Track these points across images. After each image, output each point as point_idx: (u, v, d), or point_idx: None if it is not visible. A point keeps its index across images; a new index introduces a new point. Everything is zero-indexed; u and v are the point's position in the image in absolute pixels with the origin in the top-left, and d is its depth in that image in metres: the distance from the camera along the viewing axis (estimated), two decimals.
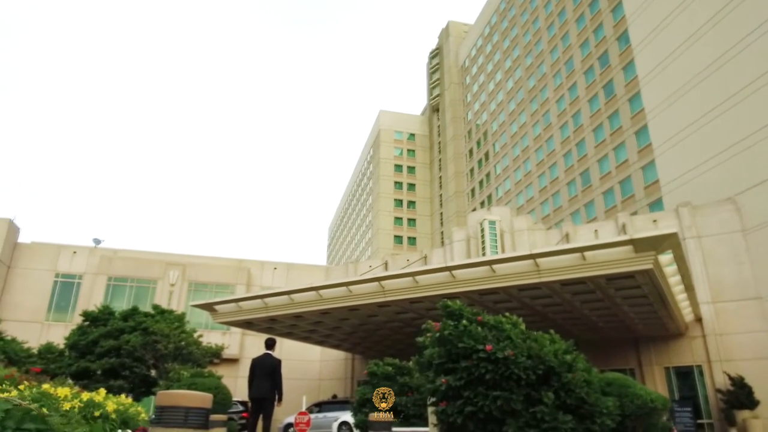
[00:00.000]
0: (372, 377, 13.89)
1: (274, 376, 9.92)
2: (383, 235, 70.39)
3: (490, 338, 5.99)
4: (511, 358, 5.69)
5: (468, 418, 5.91)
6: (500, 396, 5.60)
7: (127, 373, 19.93)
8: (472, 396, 5.81)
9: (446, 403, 6.18)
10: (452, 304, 6.39)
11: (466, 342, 5.95)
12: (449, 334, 6.19)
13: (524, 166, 54.65)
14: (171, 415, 4.54)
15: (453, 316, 6.39)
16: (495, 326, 6.13)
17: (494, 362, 5.80)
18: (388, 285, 22.73)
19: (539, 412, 5.44)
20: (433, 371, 6.56)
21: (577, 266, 19.10)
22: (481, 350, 5.79)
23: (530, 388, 5.82)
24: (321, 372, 38.78)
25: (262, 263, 42.15)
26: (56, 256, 39.14)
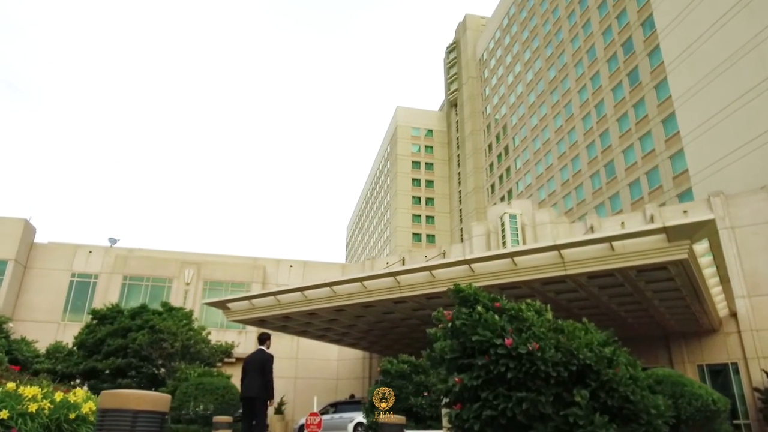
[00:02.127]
0: (385, 375, 12.95)
1: (264, 373, 8.90)
2: (401, 233, 69.38)
3: (510, 329, 4.98)
4: (536, 353, 4.66)
5: (487, 424, 4.89)
6: (525, 398, 4.58)
7: (134, 373, 19.34)
8: (491, 398, 4.80)
9: (461, 406, 5.15)
10: (465, 287, 5.41)
11: (482, 334, 4.95)
12: (462, 324, 5.20)
13: (545, 160, 53.17)
14: (114, 420, 3.63)
15: (466, 302, 5.41)
16: (515, 316, 5.12)
17: (516, 358, 4.78)
18: (404, 280, 21.77)
19: (571, 415, 4.40)
20: (446, 368, 5.55)
21: (604, 257, 17.89)
22: (500, 345, 4.78)
23: (561, 387, 4.78)
24: (338, 371, 37.97)
25: (277, 261, 41.53)
26: (72, 256, 39.00)
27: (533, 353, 4.64)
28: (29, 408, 6.43)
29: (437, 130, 78.33)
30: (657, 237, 17.04)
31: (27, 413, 6.45)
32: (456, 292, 5.45)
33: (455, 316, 5.33)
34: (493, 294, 5.70)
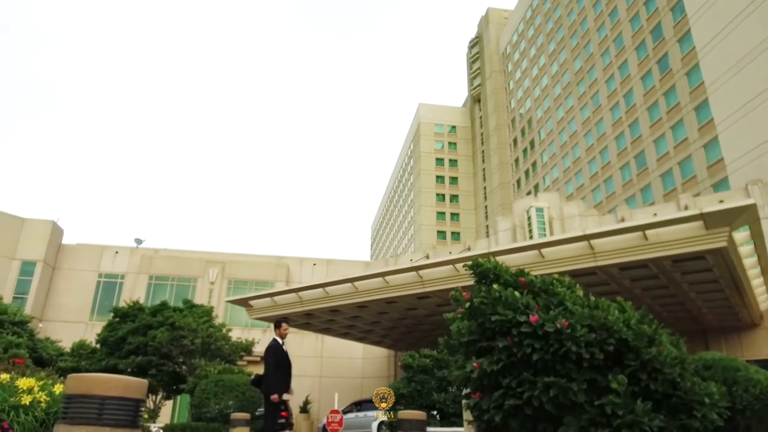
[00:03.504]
0: (407, 370, 12.40)
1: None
2: (426, 231, 68.61)
3: (536, 306, 4.38)
4: (565, 330, 4.05)
5: (510, 415, 4.30)
6: (554, 383, 3.97)
7: (155, 371, 19.18)
8: (514, 384, 4.20)
9: (481, 395, 4.56)
10: (484, 261, 4.82)
11: (502, 313, 4.35)
12: (481, 302, 4.61)
13: (572, 153, 51.84)
14: (79, 407, 3.16)
15: (485, 279, 4.83)
16: (543, 290, 4.52)
17: (543, 338, 4.18)
18: (427, 275, 21.18)
19: (608, 404, 3.80)
20: (463, 353, 4.97)
21: (637, 247, 17.03)
22: (524, 322, 4.19)
23: (595, 371, 4.16)
24: (364, 370, 37.53)
25: (301, 260, 41.34)
26: (99, 257, 39.44)
27: (562, 331, 4.04)
28: (23, 400, 6.10)
29: (460, 126, 77.32)
30: (693, 224, 16.12)
31: (20, 406, 6.12)
32: (474, 267, 4.87)
33: (474, 294, 4.76)
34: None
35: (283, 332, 8.34)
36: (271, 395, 7.78)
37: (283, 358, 8.15)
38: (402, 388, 12.03)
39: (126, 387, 3.42)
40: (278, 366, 8.05)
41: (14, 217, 37.48)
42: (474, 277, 4.94)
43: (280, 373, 8.02)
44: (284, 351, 8.24)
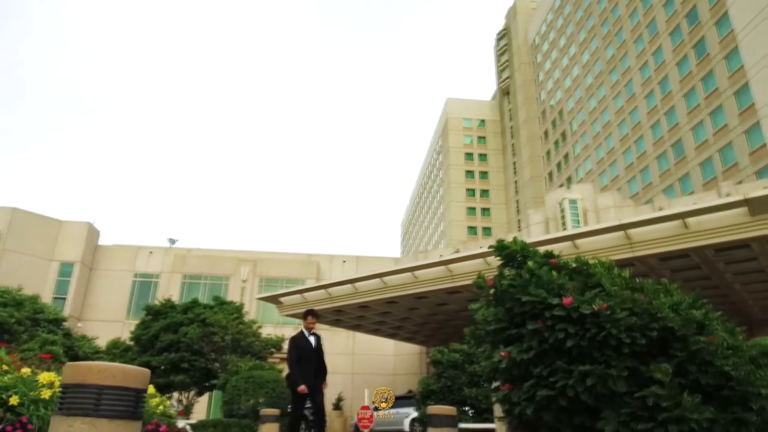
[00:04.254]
0: (436, 366, 12.06)
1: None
2: (456, 227, 67.91)
3: (570, 287, 4.01)
4: (604, 313, 3.68)
5: (543, 407, 3.96)
6: (591, 372, 3.61)
7: (187, 366, 19.34)
8: (546, 374, 3.84)
9: (510, 387, 4.22)
10: (509, 243, 4.48)
11: (534, 294, 4.00)
12: (509, 285, 4.26)
13: (606, 143, 50.47)
14: (75, 397, 2.96)
15: (513, 260, 4.48)
16: (578, 270, 4.15)
17: (578, 322, 3.81)
18: (457, 269, 20.80)
19: (651, 395, 3.42)
20: (490, 342, 4.63)
21: (677, 236, 16.30)
22: (557, 305, 3.83)
23: (637, 359, 3.77)
24: (395, 367, 37.31)
25: (330, 257, 41.38)
26: (134, 257, 40.23)
27: (600, 314, 3.67)
28: (43, 395, 6.03)
29: (489, 119, 76.26)
30: (737, 211, 15.33)
31: (40, 400, 6.05)
32: (499, 249, 4.52)
33: (498, 278, 4.41)
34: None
35: (308, 324, 8.00)
36: (291, 387, 7.64)
37: (304, 350, 7.80)
38: (432, 384, 11.71)
39: (124, 376, 3.20)
40: (299, 359, 7.75)
41: (52, 219, 38.51)
42: (500, 260, 4.59)
43: (301, 366, 7.68)
44: (307, 343, 7.88)
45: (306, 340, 7.91)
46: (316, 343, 7.95)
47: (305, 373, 7.63)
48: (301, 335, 7.96)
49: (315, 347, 7.89)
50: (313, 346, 7.88)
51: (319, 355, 7.89)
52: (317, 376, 7.76)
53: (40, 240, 37.18)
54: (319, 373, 7.82)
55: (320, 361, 7.91)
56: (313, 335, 7.97)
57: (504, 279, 4.34)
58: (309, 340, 7.91)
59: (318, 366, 7.84)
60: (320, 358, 7.92)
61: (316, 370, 7.79)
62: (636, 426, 3.64)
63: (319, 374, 7.80)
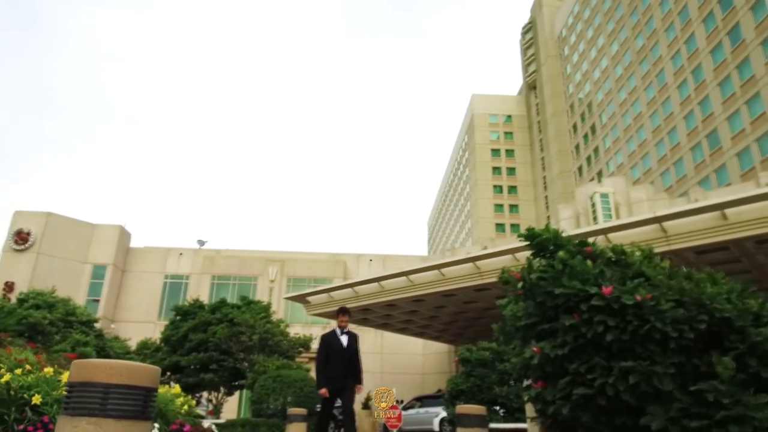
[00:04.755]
0: (465, 364, 11.75)
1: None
2: (483, 224, 67.12)
3: (608, 276, 3.70)
4: (648, 304, 3.35)
5: (580, 407, 3.65)
6: (634, 368, 3.29)
7: (216, 367, 19.41)
8: (583, 370, 3.53)
9: (544, 385, 3.92)
10: (541, 230, 4.18)
11: (568, 286, 3.69)
12: (539, 278, 3.96)
13: (638, 136, 49.15)
14: (81, 396, 2.79)
15: (544, 250, 4.18)
16: (615, 261, 3.84)
17: (618, 313, 3.50)
18: (485, 266, 20.42)
19: (710, 391, 3.10)
20: (520, 338, 4.34)
21: (716, 228, 15.64)
22: (595, 294, 3.52)
23: (684, 354, 3.44)
24: (424, 366, 37.00)
25: (357, 256, 41.31)
26: (164, 259, 40.83)
27: (643, 305, 3.35)
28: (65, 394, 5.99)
29: (516, 115, 75.18)
30: None
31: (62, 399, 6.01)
32: (529, 238, 4.22)
33: (527, 270, 4.11)
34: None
35: (340, 323, 7.63)
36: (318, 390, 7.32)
37: (333, 349, 7.43)
38: (461, 383, 11.41)
39: (131, 373, 3.02)
40: (327, 358, 7.42)
41: (85, 223, 39.36)
42: (530, 250, 4.29)
43: (329, 366, 7.35)
44: (338, 342, 7.50)
45: (337, 339, 7.55)
46: (348, 342, 7.54)
47: (332, 373, 7.27)
48: (332, 334, 7.64)
49: (346, 346, 7.49)
50: (344, 345, 7.49)
51: (351, 355, 7.48)
52: (348, 377, 7.34)
53: (73, 243, 38.02)
54: (351, 373, 7.39)
55: (353, 361, 7.49)
56: (345, 334, 7.59)
57: (533, 271, 4.04)
58: (340, 339, 7.54)
59: (351, 366, 7.44)
60: (353, 358, 7.51)
61: (348, 371, 7.37)
62: (688, 423, 3.31)
63: (351, 375, 7.38)
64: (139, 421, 3.02)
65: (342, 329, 7.59)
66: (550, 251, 4.09)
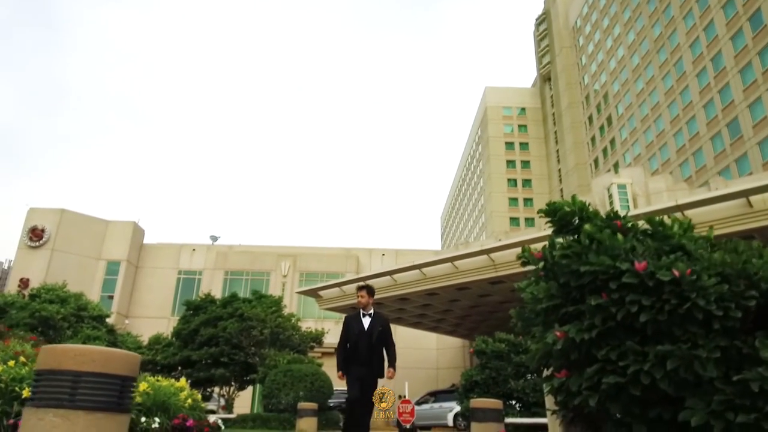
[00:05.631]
0: (480, 356, 11.35)
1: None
2: (497, 218, 66.43)
3: (641, 252, 3.29)
4: (688, 279, 2.94)
5: (609, 398, 3.24)
6: (672, 353, 2.88)
7: (227, 361, 19.22)
8: (614, 357, 3.13)
9: (568, 373, 3.51)
10: (563, 202, 3.78)
11: (595, 262, 3.29)
12: (562, 255, 3.56)
13: (655, 126, 48.17)
14: (48, 385, 2.47)
15: (567, 226, 3.77)
16: (650, 233, 3.43)
17: (653, 291, 3.08)
18: (500, 258, 19.95)
19: (755, 379, 2.70)
20: (541, 322, 3.94)
21: (740, 216, 15.05)
22: (627, 271, 3.11)
23: (729, 336, 3.03)
24: (438, 361, 36.62)
25: (369, 251, 41.03)
26: (177, 255, 40.87)
27: (683, 281, 2.94)
28: None
29: (530, 107, 74.23)
30: None
31: None
32: (551, 212, 3.81)
33: (548, 248, 3.70)
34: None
35: (359, 301, 6.72)
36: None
37: (353, 332, 6.53)
38: (475, 376, 11.03)
39: (106, 360, 2.70)
40: (347, 342, 6.58)
41: (99, 219, 39.50)
42: (551, 227, 3.89)
43: (349, 351, 6.52)
44: (359, 324, 6.56)
45: (358, 321, 6.61)
46: (370, 325, 6.56)
47: (353, 360, 6.44)
48: (354, 315, 6.73)
49: (367, 330, 6.52)
50: (365, 328, 6.52)
51: (374, 341, 6.48)
52: (371, 365, 6.42)
53: (87, 240, 38.18)
54: (375, 360, 6.47)
55: (379, 346, 6.53)
56: (368, 316, 6.63)
57: (556, 249, 3.64)
58: (361, 321, 6.60)
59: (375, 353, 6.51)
60: (380, 342, 6.53)
61: (371, 358, 6.44)
62: (732, 417, 2.89)
63: (375, 362, 6.47)
64: (114, 414, 2.69)
65: (364, 310, 6.66)
66: (575, 227, 3.68)
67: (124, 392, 2.74)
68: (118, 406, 2.70)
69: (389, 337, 6.64)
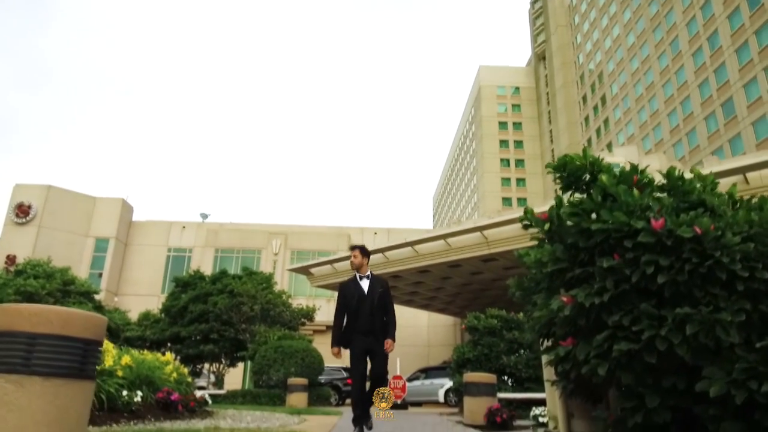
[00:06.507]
0: (472, 332, 11.20)
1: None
2: (490, 198, 66.28)
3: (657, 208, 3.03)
4: (712, 235, 2.68)
5: (620, 367, 3.01)
6: (692, 317, 2.63)
7: (216, 337, 19.04)
8: (627, 322, 2.88)
9: (574, 341, 3.27)
10: (574, 155, 3.51)
11: (609, 219, 3.03)
12: (571, 214, 3.30)
13: (649, 106, 47.91)
14: (1, 348, 2.16)
15: (577, 182, 3.52)
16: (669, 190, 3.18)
17: (672, 250, 2.83)
18: (492, 235, 19.79)
19: None
20: (545, 287, 3.69)
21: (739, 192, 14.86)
22: (643, 230, 2.85)
23: (753, 299, 2.80)
24: (429, 338, 36.70)
25: (362, 229, 40.81)
26: (167, 232, 40.44)
27: (706, 239, 2.69)
28: None
29: (524, 86, 73.63)
30: None
31: None
32: (559, 168, 3.54)
33: (554, 209, 3.45)
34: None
35: (353, 261, 5.77)
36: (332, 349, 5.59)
37: (350, 298, 5.60)
38: (468, 352, 10.88)
39: (65, 322, 2.42)
40: (344, 310, 5.63)
41: (86, 196, 38.89)
42: (558, 184, 3.63)
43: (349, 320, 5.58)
44: (357, 289, 5.64)
45: (356, 285, 5.69)
46: (371, 288, 5.64)
47: (354, 330, 5.53)
48: (350, 280, 5.81)
49: (368, 293, 5.60)
50: (365, 292, 5.60)
51: (377, 306, 5.57)
52: (375, 332, 5.50)
53: (75, 217, 37.63)
54: (378, 328, 5.53)
55: (381, 311, 5.60)
56: (366, 278, 5.71)
57: (564, 210, 3.37)
58: (359, 284, 5.69)
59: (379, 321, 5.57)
60: (381, 307, 5.60)
61: (375, 326, 5.53)
62: (755, 386, 2.67)
63: (378, 330, 5.52)
64: (75, 381, 2.41)
65: (359, 273, 5.75)
66: (585, 183, 3.42)
67: (87, 357, 2.46)
68: (80, 372, 2.43)
69: (390, 300, 5.79)
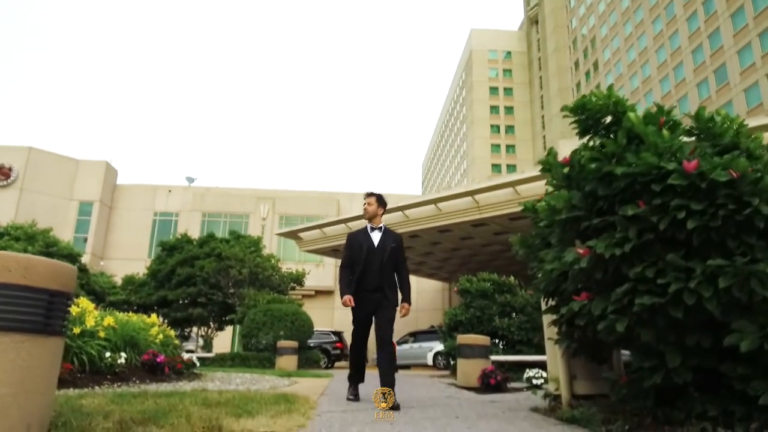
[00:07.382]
0: (464, 295, 11.07)
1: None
2: (480, 164, 66.00)
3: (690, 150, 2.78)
4: (751, 177, 2.44)
5: (642, 323, 2.79)
6: (725, 269, 2.39)
7: (204, 301, 18.86)
8: (651, 275, 2.65)
9: (589, 296, 3.04)
10: (597, 93, 3.23)
11: (636, 161, 2.78)
12: (591, 158, 3.03)
13: (642, 72, 47.47)
14: None
15: (596, 126, 3.24)
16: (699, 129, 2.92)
17: (705, 194, 2.58)
18: (484, 200, 19.58)
19: None
20: (557, 238, 3.45)
21: None
22: (674, 171, 2.59)
23: None
24: (417, 303, 36.81)
25: (351, 195, 40.43)
26: (153, 196, 39.79)
27: (742, 183, 2.45)
28: None
29: (516, 51, 72.56)
30: None
31: None
32: (578, 109, 3.26)
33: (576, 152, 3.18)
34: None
35: (366, 209, 5.18)
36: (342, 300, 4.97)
37: (358, 250, 5.01)
38: (459, 315, 10.77)
39: (26, 270, 2.13)
40: (352, 263, 5.03)
41: (69, 158, 37.98)
42: (576, 127, 3.36)
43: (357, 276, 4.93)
44: (366, 240, 5.04)
45: (366, 236, 5.10)
46: (381, 241, 5.03)
47: (362, 285, 4.92)
48: (360, 230, 5.25)
49: (377, 247, 5.00)
50: (375, 245, 5.01)
51: (388, 260, 4.96)
52: (383, 290, 4.89)
53: (57, 179, 36.81)
54: (387, 286, 4.92)
55: (391, 268, 5.01)
56: (378, 230, 5.12)
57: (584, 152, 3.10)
58: (370, 236, 5.09)
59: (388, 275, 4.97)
60: (392, 263, 5.01)
61: (385, 282, 4.92)
62: None
63: (387, 288, 4.91)
64: (39, 337, 2.13)
65: (372, 224, 5.17)
66: (605, 126, 3.15)
67: (52, 310, 2.19)
68: (45, 327, 2.15)
69: (403, 257, 5.16)
